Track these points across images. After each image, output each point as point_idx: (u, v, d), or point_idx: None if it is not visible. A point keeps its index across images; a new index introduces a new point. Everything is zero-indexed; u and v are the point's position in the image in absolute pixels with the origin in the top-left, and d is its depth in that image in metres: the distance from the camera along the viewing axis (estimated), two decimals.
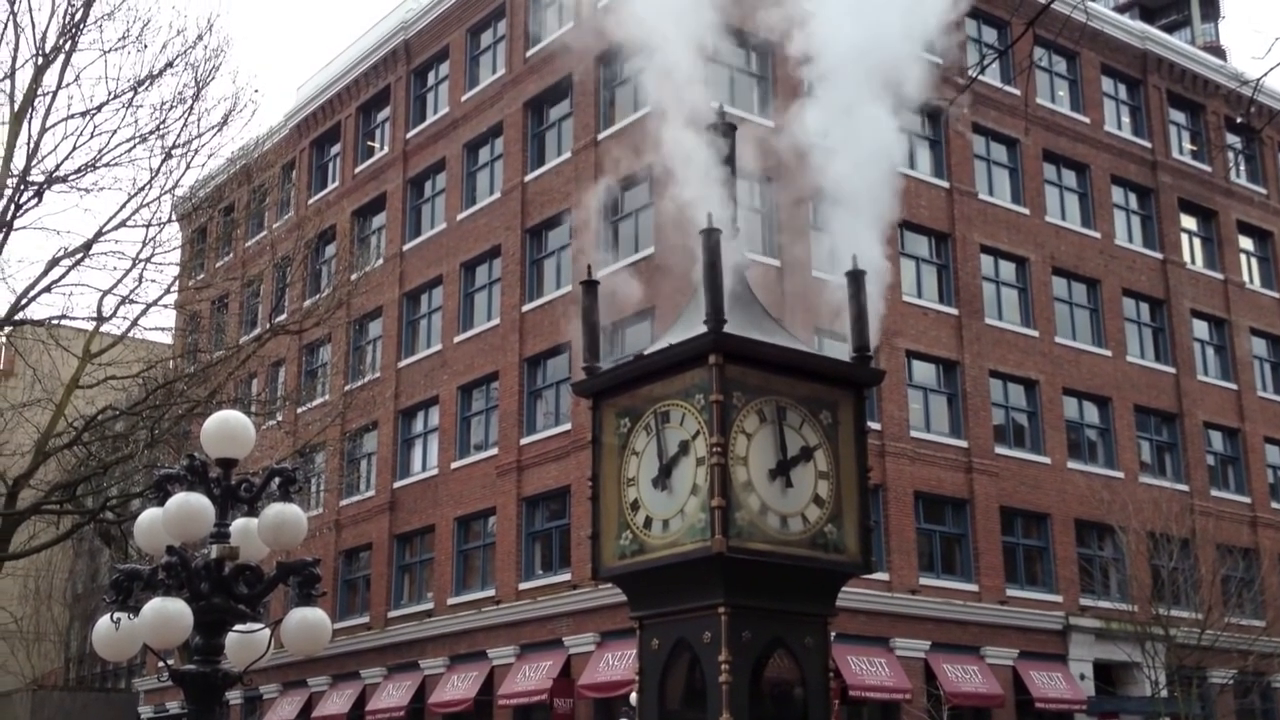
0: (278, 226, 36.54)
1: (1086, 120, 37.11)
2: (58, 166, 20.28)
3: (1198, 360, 37.57)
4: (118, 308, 20.81)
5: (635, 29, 8.12)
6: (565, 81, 32.84)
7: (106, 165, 20.49)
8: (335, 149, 42.28)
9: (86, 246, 20.39)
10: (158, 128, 20.93)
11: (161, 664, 7.60)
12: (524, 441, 32.19)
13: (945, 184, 33.49)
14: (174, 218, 23.35)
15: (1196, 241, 39.28)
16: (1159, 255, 37.56)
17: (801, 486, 6.70)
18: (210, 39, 32.21)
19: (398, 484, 36.21)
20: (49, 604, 54.55)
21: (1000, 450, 32.44)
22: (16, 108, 20.31)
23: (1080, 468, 33.71)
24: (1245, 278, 39.90)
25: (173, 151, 20.98)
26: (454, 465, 34.34)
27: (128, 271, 20.72)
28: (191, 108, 21.29)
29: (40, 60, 20.36)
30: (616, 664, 27.43)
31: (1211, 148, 39.24)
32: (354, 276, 31.99)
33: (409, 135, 38.76)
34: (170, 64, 21.09)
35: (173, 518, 7.50)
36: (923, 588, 30.05)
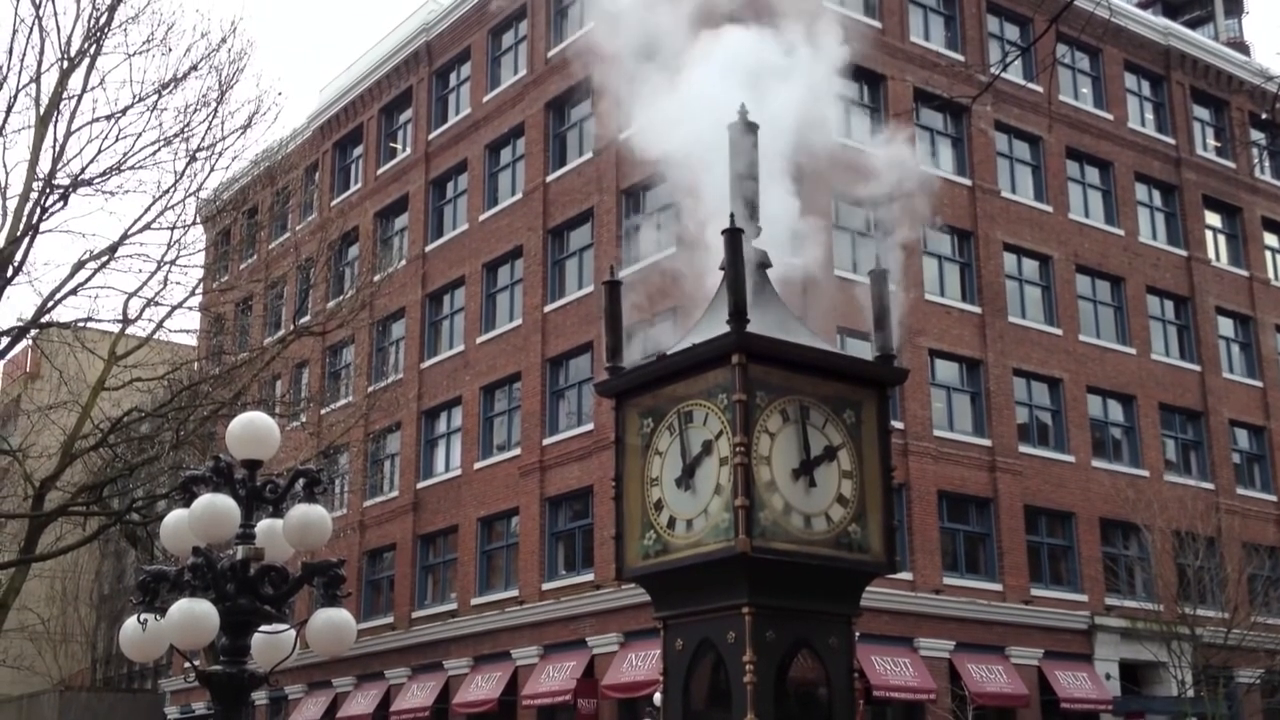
0: (301, 228, 36.70)
1: (1110, 117, 36.94)
2: (83, 170, 20.43)
3: (1223, 358, 37.36)
4: (143, 310, 20.95)
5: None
6: (586, 82, 32.87)
7: (131, 168, 20.63)
8: (358, 150, 42.42)
9: (112, 249, 20.52)
10: (182, 131, 21.07)
11: (188, 664, 7.63)
12: (546, 442, 32.23)
13: (968, 182, 33.38)
14: (198, 220, 23.43)
15: (1221, 238, 39.06)
16: (1183, 252, 37.36)
17: (825, 486, 6.69)
18: (234, 42, 32.39)
19: (421, 485, 36.29)
20: (76, 605, 54.89)
21: (1024, 449, 32.31)
22: (42, 111, 20.44)
23: (1105, 466, 33.55)
24: (1270, 274, 39.66)
25: (197, 154, 21.11)
26: (477, 466, 34.41)
27: (153, 274, 20.86)
28: (215, 111, 21.43)
29: (65, 64, 20.49)
30: (640, 664, 27.44)
31: (1235, 144, 38.99)
32: (377, 278, 32.10)
33: (431, 136, 38.86)
34: (194, 67, 21.23)
35: (198, 519, 7.53)
36: (947, 587, 29.96)
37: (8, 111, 20.06)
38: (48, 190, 20.17)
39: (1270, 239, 40.21)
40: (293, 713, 38.53)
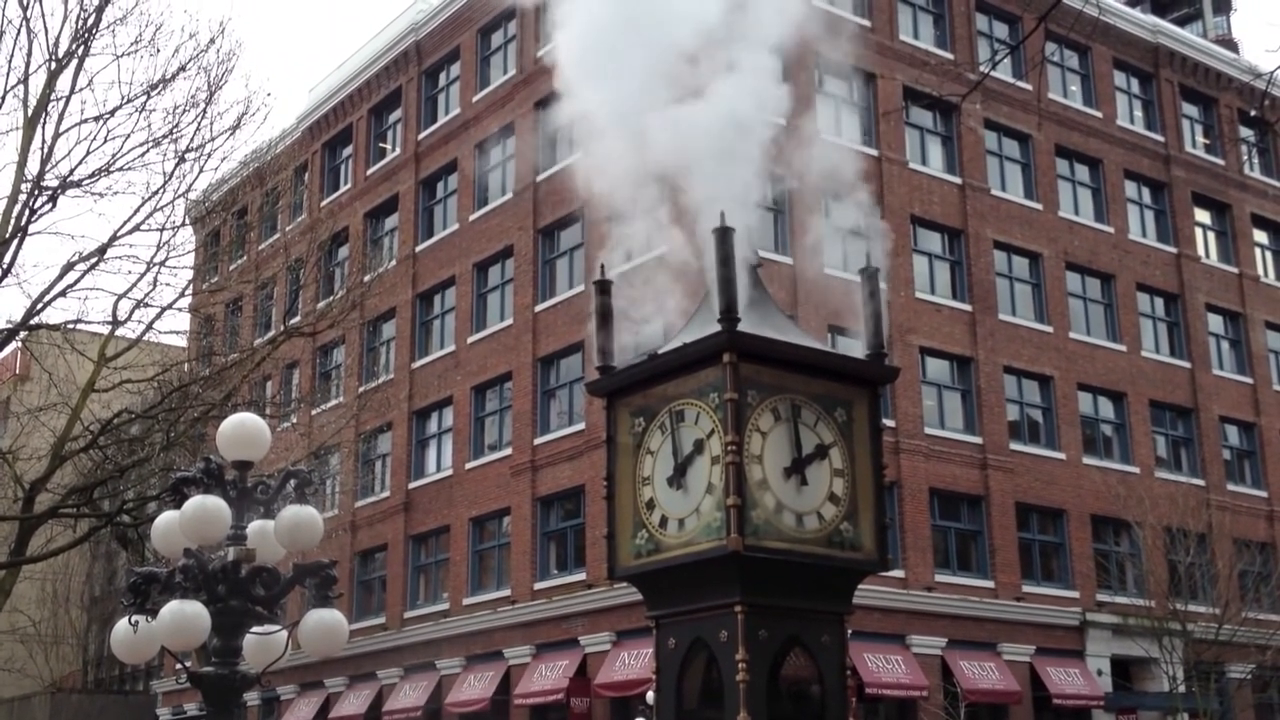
0: (291, 229, 36.58)
1: (1099, 115, 37.01)
2: (72, 171, 20.32)
3: (1213, 354, 37.45)
4: (132, 311, 20.85)
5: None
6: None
7: (120, 169, 20.51)
8: (347, 151, 42.36)
9: (101, 251, 20.43)
10: (171, 132, 20.96)
11: (179, 666, 7.62)
12: (538, 441, 32.22)
13: (958, 180, 33.43)
14: (187, 221, 23.37)
15: (1210, 235, 39.15)
16: (1173, 249, 37.44)
17: (817, 484, 6.69)
18: (222, 43, 32.21)
19: (412, 485, 36.26)
20: (67, 607, 54.76)
21: (1015, 446, 32.37)
22: (30, 112, 20.36)
23: (1096, 463, 33.61)
24: (1260, 271, 39.76)
25: (186, 155, 21.00)
26: (468, 466, 34.38)
27: (142, 275, 20.77)
28: (204, 111, 21.31)
29: (54, 65, 20.40)
30: (633, 663, 27.44)
31: (1224, 141, 39.10)
32: (367, 278, 31.99)
33: (420, 136, 38.82)
34: (183, 68, 21.12)
35: (189, 520, 7.52)
36: (939, 584, 30.00)
37: None
38: (36, 192, 20.09)
39: (1259, 235, 40.31)
40: (285, 713, 38.48)
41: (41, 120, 20.40)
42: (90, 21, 20.46)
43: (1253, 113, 38.62)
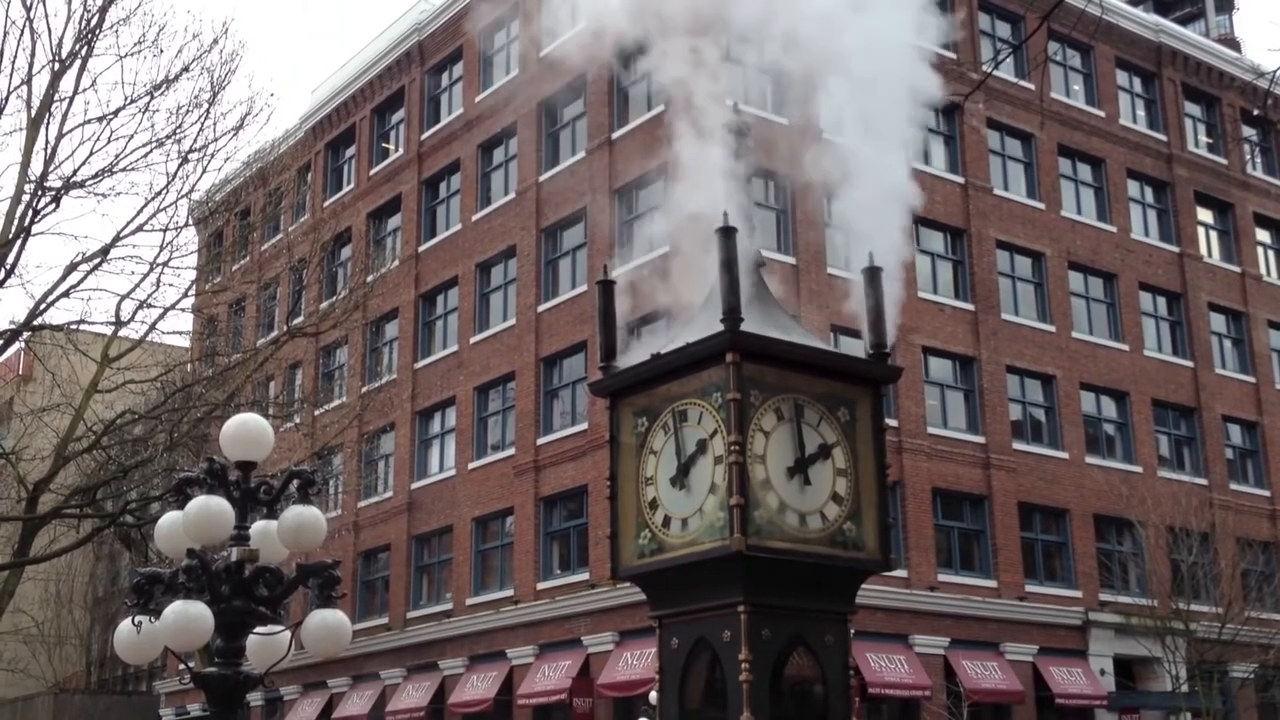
0: (294, 229, 36.62)
1: (1101, 114, 36.99)
2: (75, 171, 20.37)
3: (1215, 353, 37.42)
4: (136, 312, 20.91)
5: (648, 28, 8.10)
6: (579, 81, 32.87)
7: (123, 170, 20.58)
8: (350, 151, 42.38)
9: (104, 251, 20.47)
10: (174, 132, 21.02)
11: (183, 666, 7.62)
12: (541, 441, 32.22)
13: (960, 179, 33.41)
14: (190, 222, 23.42)
15: (1213, 234, 39.13)
16: (1175, 249, 37.41)
17: (820, 484, 6.68)
18: (225, 43, 32.34)
19: (415, 485, 36.27)
20: (70, 608, 54.81)
21: (1018, 446, 32.36)
22: (34, 113, 20.40)
23: (1098, 463, 33.59)
24: (1262, 270, 39.73)
25: (189, 156, 21.07)
26: (471, 466, 34.39)
27: (145, 276, 20.82)
28: (207, 112, 21.39)
29: (57, 65, 20.44)
30: (635, 663, 27.44)
31: (1227, 140, 39.07)
32: (370, 278, 32.05)
33: (423, 136, 38.83)
34: (186, 68, 21.18)
35: (193, 521, 7.53)
36: (941, 584, 29.99)
37: None
38: (40, 193, 20.13)
39: (1262, 234, 40.29)
40: (288, 714, 38.49)
41: (45, 121, 20.44)
42: (93, 22, 20.51)
43: (1255, 112, 38.60)
